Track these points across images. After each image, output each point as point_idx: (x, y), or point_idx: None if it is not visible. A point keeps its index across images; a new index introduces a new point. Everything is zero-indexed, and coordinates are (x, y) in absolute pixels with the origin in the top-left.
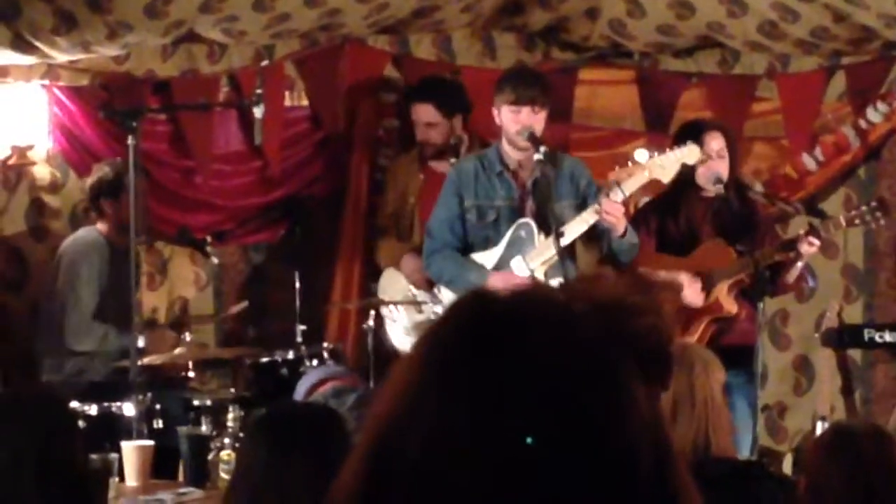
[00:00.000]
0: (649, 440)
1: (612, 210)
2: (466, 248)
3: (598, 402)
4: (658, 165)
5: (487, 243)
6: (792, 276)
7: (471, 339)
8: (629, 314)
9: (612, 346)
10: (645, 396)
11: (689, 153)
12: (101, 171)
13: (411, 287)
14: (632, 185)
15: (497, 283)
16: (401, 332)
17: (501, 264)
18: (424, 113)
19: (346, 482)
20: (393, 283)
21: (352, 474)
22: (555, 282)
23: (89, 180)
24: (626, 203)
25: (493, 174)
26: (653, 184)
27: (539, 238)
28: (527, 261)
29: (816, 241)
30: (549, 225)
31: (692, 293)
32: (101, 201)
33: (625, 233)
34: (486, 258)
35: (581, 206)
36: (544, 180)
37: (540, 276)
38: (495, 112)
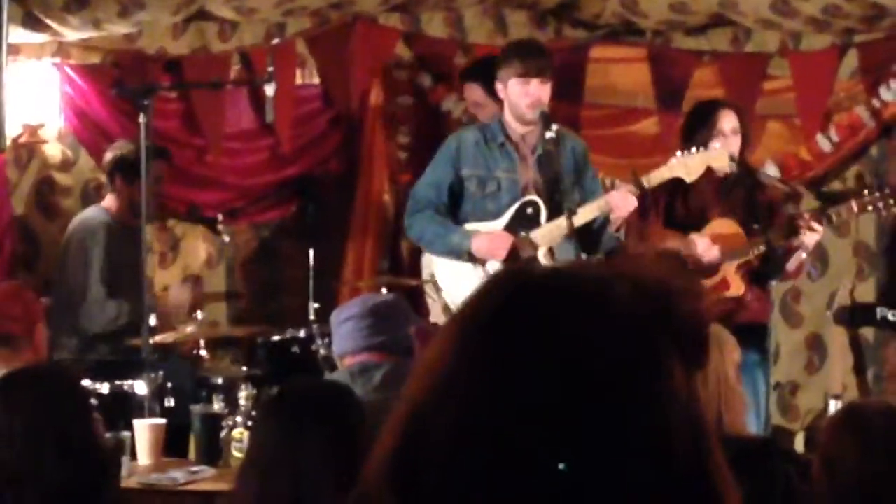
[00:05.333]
0: (687, 425)
1: (624, 203)
2: (461, 218)
3: (637, 383)
4: (683, 164)
5: (488, 214)
6: (793, 264)
7: (508, 317)
8: (671, 296)
9: (653, 328)
10: (684, 382)
11: (717, 157)
12: (123, 147)
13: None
14: (653, 179)
15: (481, 244)
16: (439, 310)
17: None
18: (472, 93)
19: (378, 458)
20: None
21: (384, 450)
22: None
23: (109, 154)
24: (641, 197)
25: (494, 145)
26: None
27: (545, 216)
28: (532, 238)
29: (818, 228)
30: (555, 201)
31: (707, 251)
32: (117, 178)
33: (618, 227)
34: (487, 229)
35: (577, 182)
36: (549, 156)
37: (542, 255)
38: (500, 87)
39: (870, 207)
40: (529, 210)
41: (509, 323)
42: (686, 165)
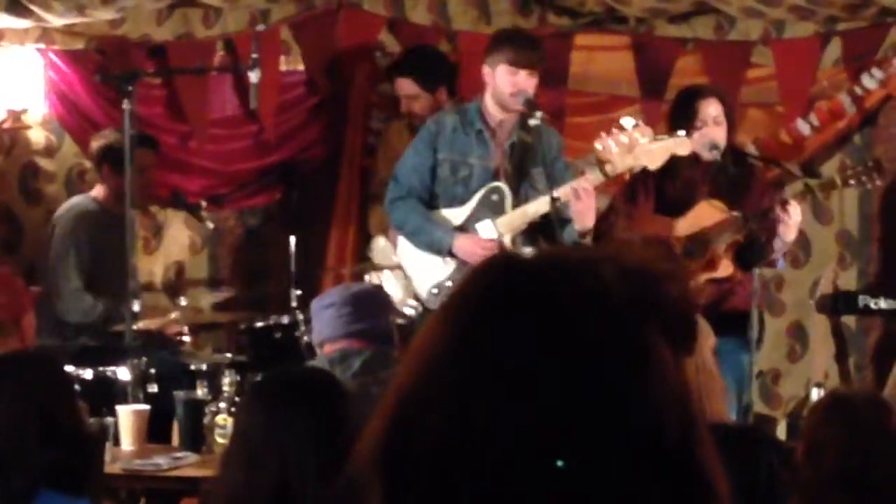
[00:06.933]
0: (676, 410)
1: (587, 191)
2: (432, 201)
3: (626, 369)
4: (646, 152)
5: (455, 200)
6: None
7: (497, 302)
8: (658, 281)
9: (642, 313)
10: (672, 366)
11: (679, 145)
12: (109, 136)
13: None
14: (618, 167)
15: (464, 245)
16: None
17: (468, 224)
18: (405, 86)
19: (368, 443)
20: (382, 251)
21: (374, 435)
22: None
23: (96, 142)
24: (630, 182)
25: (472, 131)
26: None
27: (510, 204)
28: (496, 225)
29: (793, 213)
30: (522, 190)
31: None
32: (104, 166)
33: (585, 235)
34: (454, 215)
35: (548, 174)
36: (523, 145)
37: (507, 242)
38: (487, 70)
39: (853, 181)
40: (494, 197)
41: (498, 308)
42: (650, 153)
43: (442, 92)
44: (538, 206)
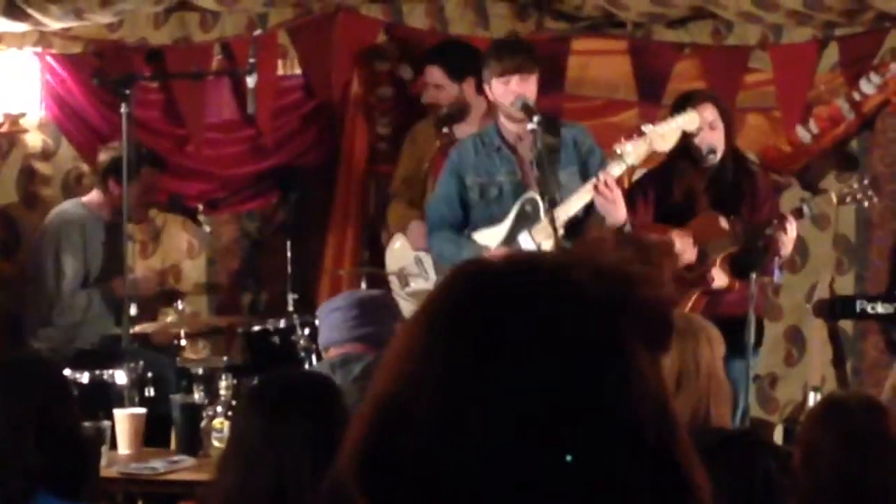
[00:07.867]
0: (653, 410)
1: (608, 184)
2: (470, 227)
3: (603, 370)
4: (658, 135)
5: (493, 220)
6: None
7: (469, 306)
8: (633, 282)
9: (617, 314)
10: (649, 366)
11: (688, 121)
12: (118, 149)
13: (420, 253)
14: (633, 154)
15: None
16: (402, 299)
17: (509, 240)
18: (433, 75)
19: (350, 448)
20: (402, 250)
21: (356, 440)
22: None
23: (103, 154)
24: (621, 179)
25: (492, 150)
26: (654, 155)
27: (544, 211)
28: (533, 235)
29: (789, 230)
30: (555, 197)
31: (686, 249)
32: (110, 180)
33: (624, 224)
34: (493, 235)
35: (583, 173)
36: (546, 151)
37: (547, 249)
38: (486, 89)
39: (849, 199)
40: (528, 208)
41: (472, 314)
42: (662, 136)
43: (470, 84)
44: (568, 207)
